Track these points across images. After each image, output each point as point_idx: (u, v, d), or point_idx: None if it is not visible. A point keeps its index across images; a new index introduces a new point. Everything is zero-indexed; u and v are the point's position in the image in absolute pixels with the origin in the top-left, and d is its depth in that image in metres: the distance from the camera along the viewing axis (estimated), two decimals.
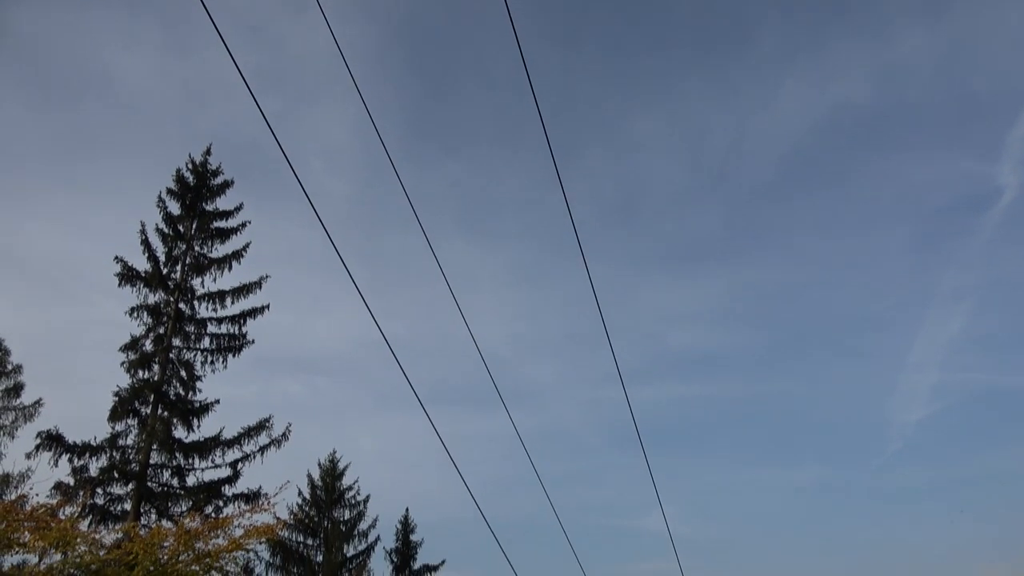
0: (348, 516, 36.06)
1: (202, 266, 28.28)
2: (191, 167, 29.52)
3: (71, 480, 24.24)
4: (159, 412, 25.85)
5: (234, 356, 27.77)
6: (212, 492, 25.86)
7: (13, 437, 31.59)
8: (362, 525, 35.97)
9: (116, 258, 27.25)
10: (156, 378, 26.16)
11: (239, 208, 29.43)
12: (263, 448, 26.80)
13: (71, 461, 24.62)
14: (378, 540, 36.09)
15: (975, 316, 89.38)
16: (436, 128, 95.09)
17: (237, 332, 27.96)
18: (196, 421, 26.49)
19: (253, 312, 28.23)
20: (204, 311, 27.93)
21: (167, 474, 25.82)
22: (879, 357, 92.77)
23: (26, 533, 16.69)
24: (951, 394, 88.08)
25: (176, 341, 27.12)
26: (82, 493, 23.49)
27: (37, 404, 32.57)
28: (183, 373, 26.75)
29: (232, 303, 28.06)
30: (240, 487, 26.38)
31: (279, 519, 20.29)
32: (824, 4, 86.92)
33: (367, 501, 36.60)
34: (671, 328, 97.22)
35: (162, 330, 27.08)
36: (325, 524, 35.34)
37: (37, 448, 24.35)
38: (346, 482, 36.84)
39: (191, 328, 27.55)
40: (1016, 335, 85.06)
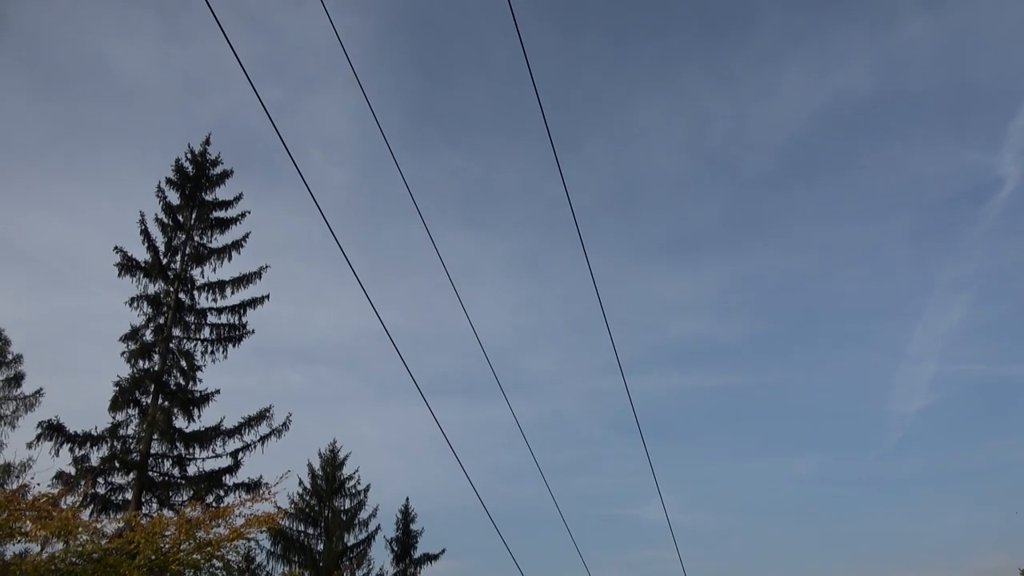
0: (349, 505, 36.20)
1: (202, 256, 28.28)
2: (190, 157, 29.49)
3: (72, 470, 24.31)
4: (160, 402, 25.89)
5: (234, 346, 27.84)
6: (213, 482, 25.95)
7: (14, 427, 31.73)
8: (362, 514, 36.14)
9: (116, 248, 27.28)
10: (156, 368, 26.19)
11: (239, 198, 29.49)
12: (264, 438, 26.89)
13: (72, 451, 24.69)
14: (379, 529, 36.29)
15: (975, 306, 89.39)
16: (436, 117, 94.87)
17: (237, 322, 28.01)
18: (197, 411, 26.55)
19: (253, 302, 28.27)
20: (204, 301, 28.00)
21: (168, 464, 25.91)
22: (879, 347, 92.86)
23: (28, 522, 16.75)
24: (950, 384, 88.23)
25: (176, 331, 27.15)
26: (83, 482, 23.56)
27: (38, 394, 32.71)
28: (183, 363, 26.79)
29: (232, 293, 28.11)
30: (241, 477, 26.53)
31: (280, 508, 20.34)
32: None
33: (367, 491, 36.77)
34: (671, 318, 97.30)
35: (162, 320, 27.11)
36: (326, 513, 35.46)
37: (38, 438, 24.42)
38: (346, 472, 37.00)
39: (191, 318, 27.57)
40: (1016, 325, 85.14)
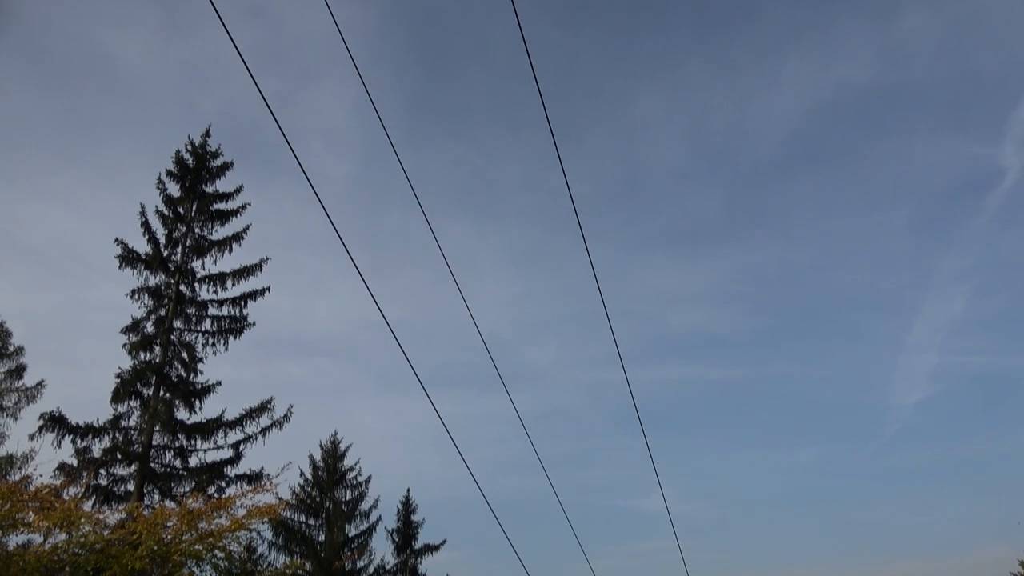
0: (350, 496, 36.35)
1: (202, 248, 28.29)
2: (190, 149, 29.45)
3: (74, 461, 24.36)
4: (161, 394, 25.94)
5: (235, 338, 27.88)
6: (214, 473, 26.03)
7: (16, 418, 31.82)
8: (363, 505, 36.29)
9: (116, 240, 27.27)
10: (158, 360, 26.24)
11: (239, 190, 29.47)
12: (265, 430, 26.94)
13: (74, 442, 24.72)
14: (380, 520, 36.46)
15: (975, 298, 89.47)
16: (437, 109, 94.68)
17: (238, 314, 28.03)
18: (198, 403, 26.60)
19: (254, 294, 28.29)
20: (205, 293, 28.02)
21: (170, 455, 25.99)
22: (879, 339, 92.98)
23: (31, 513, 16.83)
24: (950, 376, 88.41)
25: (177, 323, 27.17)
26: (85, 474, 23.62)
27: (39, 386, 32.79)
28: (184, 355, 26.83)
29: (233, 285, 28.11)
30: (242, 468, 26.58)
31: (281, 499, 20.42)
32: None
33: (368, 482, 36.92)
34: (672, 310, 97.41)
35: (163, 312, 27.13)
36: (327, 504, 35.60)
37: (40, 429, 24.44)
38: (347, 463, 37.14)
39: (192, 310, 27.60)
40: (1016, 317, 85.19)
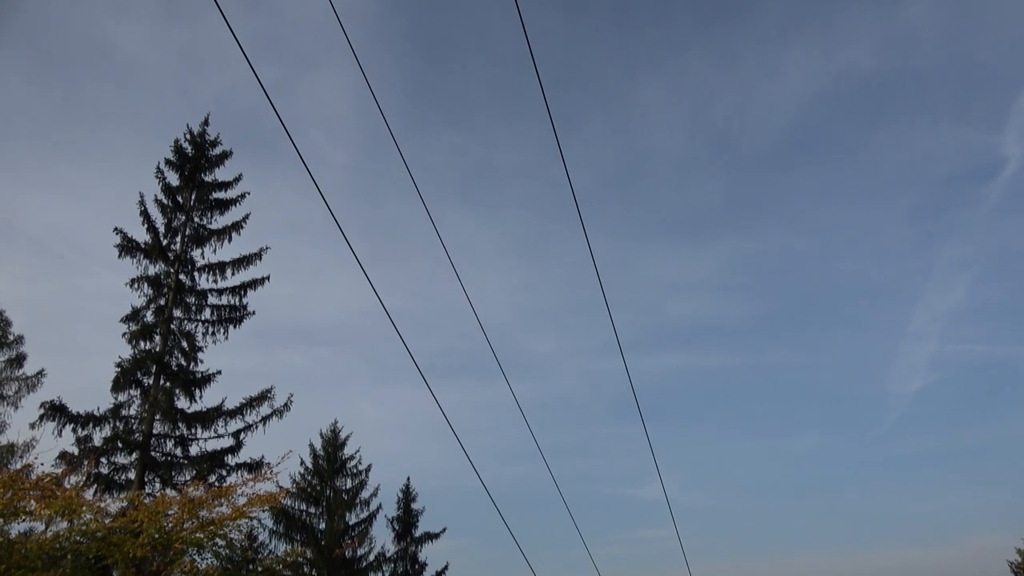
0: (350, 485, 36.47)
1: (202, 237, 28.26)
2: (189, 137, 29.36)
3: (75, 450, 24.42)
4: (161, 383, 25.99)
5: (235, 327, 27.90)
6: (215, 461, 26.10)
7: (16, 407, 31.92)
8: (364, 494, 36.41)
9: (116, 229, 27.23)
10: (158, 349, 26.26)
11: (238, 179, 29.43)
12: (265, 418, 26.99)
13: (75, 431, 24.77)
14: (380, 508, 36.59)
15: (976, 287, 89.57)
16: (437, 97, 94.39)
17: (238, 303, 28.03)
18: (198, 392, 26.65)
19: (253, 283, 28.30)
20: (204, 282, 28.01)
21: (170, 444, 26.05)
22: (879, 327, 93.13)
23: (32, 502, 16.91)
24: (949, 365, 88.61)
25: (177, 312, 27.18)
26: (86, 462, 23.69)
27: (39, 375, 32.87)
28: (184, 344, 26.85)
29: (232, 274, 28.12)
30: (243, 457, 26.65)
31: (282, 488, 20.51)
32: None
33: (369, 470, 37.03)
34: (671, 298, 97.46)
35: (163, 301, 27.13)
36: (327, 493, 35.74)
37: (41, 418, 24.50)
38: (348, 452, 37.24)
39: (192, 299, 27.60)
40: (1017, 306, 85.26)
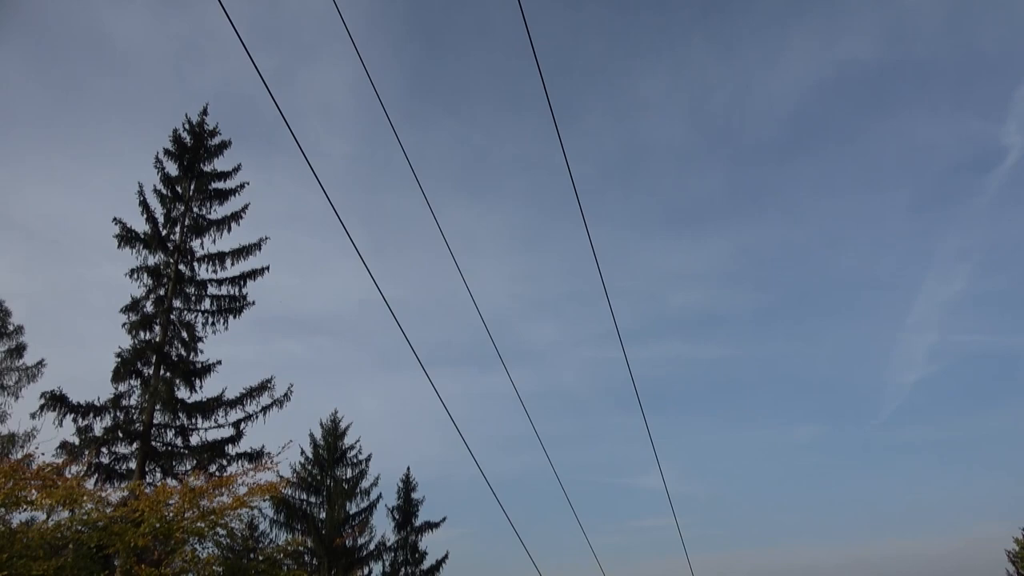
0: (350, 474, 36.57)
1: (201, 227, 28.23)
2: (188, 127, 29.29)
3: (76, 439, 24.48)
4: (161, 373, 26.02)
5: (235, 317, 27.90)
6: (216, 451, 26.16)
7: (17, 397, 31.97)
8: (364, 483, 36.50)
9: (115, 219, 27.20)
10: (158, 339, 26.28)
11: (237, 169, 29.36)
12: (265, 408, 27.04)
13: (75, 421, 24.83)
14: (380, 498, 36.69)
15: (976, 277, 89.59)
16: (437, 87, 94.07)
17: (237, 293, 28.03)
18: (198, 382, 26.69)
19: (253, 273, 28.28)
20: (204, 273, 28.00)
21: (171, 434, 26.11)
22: (878, 318, 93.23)
23: (33, 491, 16.96)
24: (949, 355, 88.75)
25: (177, 302, 27.18)
26: (87, 452, 23.76)
27: (40, 365, 32.90)
28: (184, 334, 26.86)
29: (232, 264, 28.11)
30: (243, 446, 26.72)
31: (282, 477, 20.59)
32: None
33: (369, 460, 37.11)
34: (672, 288, 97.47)
35: (162, 291, 27.13)
36: (328, 482, 35.84)
37: (41, 408, 24.54)
38: (348, 441, 37.31)
39: (191, 289, 27.59)
40: (1017, 297, 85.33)
